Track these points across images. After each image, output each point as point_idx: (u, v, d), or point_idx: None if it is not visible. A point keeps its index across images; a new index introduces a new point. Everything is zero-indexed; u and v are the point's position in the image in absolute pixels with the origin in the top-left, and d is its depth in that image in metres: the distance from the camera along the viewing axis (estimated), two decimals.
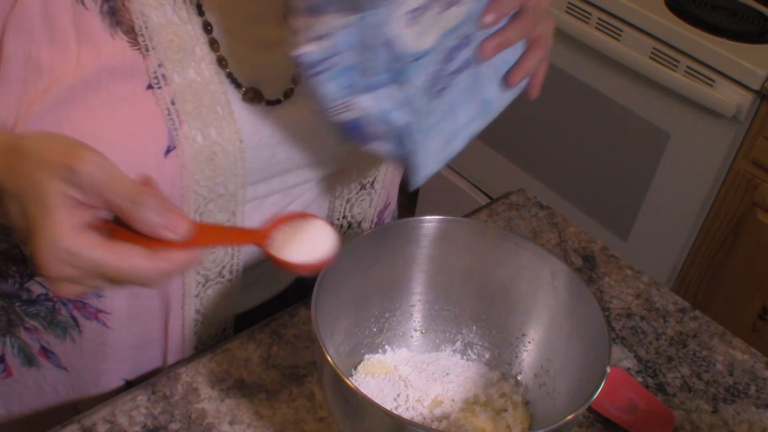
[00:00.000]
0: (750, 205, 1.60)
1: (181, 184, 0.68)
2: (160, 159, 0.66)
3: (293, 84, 0.74)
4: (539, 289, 0.73)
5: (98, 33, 0.64)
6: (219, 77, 0.69)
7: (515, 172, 2.07)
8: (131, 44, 0.65)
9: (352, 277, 0.70)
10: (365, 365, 0.75)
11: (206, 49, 0.68)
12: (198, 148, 0.68)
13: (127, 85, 0.65)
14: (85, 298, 0.74)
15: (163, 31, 0.66)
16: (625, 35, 1.67)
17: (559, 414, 0.64)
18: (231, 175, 0.70)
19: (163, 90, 0.66)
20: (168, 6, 0.66)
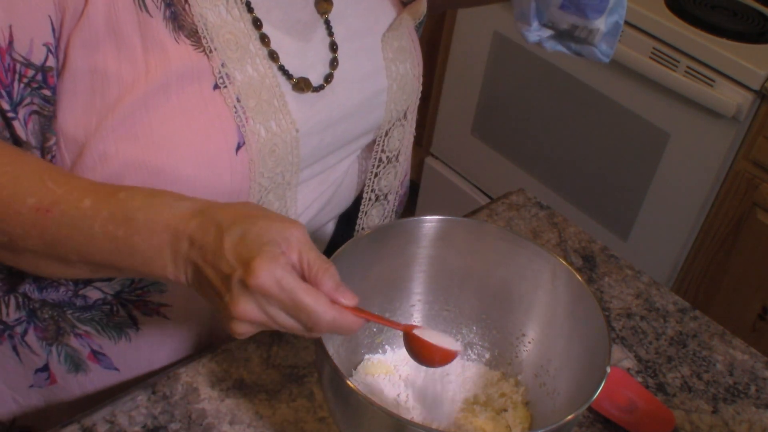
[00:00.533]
0: (750, 205, 1.60)
1: (249, 177, 0.70)
2: (232, 155, 0.69)
3: (332, 68, 0.77)
4: (539, 289, 0.72)
5: (164, 39, 0.66)
6: (272, 71, 0.71)
7: (515, 172, 2.06)
8: (195, 47, 0.67)
9: (352, 277, 0.70)
10: (365, 365, 0.75)
11: (258, 44, 0.71)
12: (262, 142, 0.70)
13: (195, 88, 0.67)
14: (148, 296, 0.76)
15: (220, 31, 0.68)
16: (625, 35, 1.67)
17: (559, 414, 0.64)
18: (288, 164, 0.73)
19: (228, 89, 0.68)
20: (222, 6, 0.68)
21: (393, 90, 0.83)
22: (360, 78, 0.80)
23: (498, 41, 1.96)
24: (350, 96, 0.79)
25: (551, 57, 1.84)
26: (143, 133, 0.66)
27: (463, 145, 2.19)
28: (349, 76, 0.79)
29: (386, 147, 0.87)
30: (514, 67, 1.95)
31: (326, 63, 0.77)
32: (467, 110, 2.12)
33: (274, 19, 0.72)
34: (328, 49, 0.77)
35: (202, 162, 0.68)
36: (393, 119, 0.86)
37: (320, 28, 0.77)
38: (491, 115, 2.08)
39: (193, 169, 0.67)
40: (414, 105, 0.89)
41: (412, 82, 0.86)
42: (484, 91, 2.06)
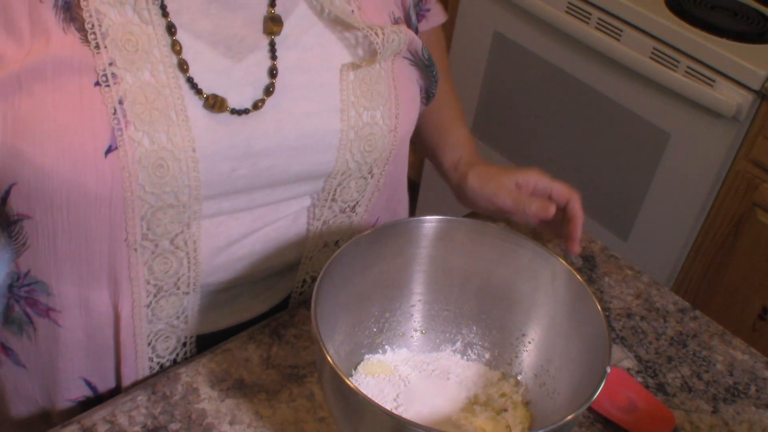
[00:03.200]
0: (750, 205, 1.60)
1: (122, 186, 0.66)
2: (99, 158, 0.65)
3: (265, 94, 0.71)
4: (539, 289, 0.72)
5: (50, 26, 0.63)
6: (177, 81, 0.67)
7: None
8: (82, 41, 0.64)
9: (352, 277, 0.70)
10: (365, 365, 0.75)
11: (166, 51, 0.66)
12: (143, 152, 0.65)
13: (74, 79, 0.64)
14: (36, 295, 0.74)
15: (119, 30, 0.64)
16: (625, 35, 1.67)
17: (559, 414, 0.64)
18: (182, 186, 0.68)
19: (111, 88, 0.64)
20: (128, 5, 0.65)
21: (350, 137, 0.75)
22: (302, 113, 0.73)
23: (498, 41, 1.96)
24: (282, 129, 0.72)
25: (551, 57, 1.85)
26: (11, 113, 0.63)
27: None
28: (286, 108, 0.72)
29: (338, 196, 0.79)
30: (514, 67, 1.95)
31: (259, 87, 0.71)
32: (467, 110, 2.13)
33: (198, 29, 0.68)
34: (266, 74, 0.71)
35: (64, 154, 0.64)
36: (350, 171, 0.77)
37: (262, 50, 0.71)
38: (491, 115, 2.08)
39: (53, 160, 0.64)
40: (384, 160, 0.79)
41: (381, 135, 0.76)
42: (484, 91, 2.06)
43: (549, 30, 1.81)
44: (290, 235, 0.81)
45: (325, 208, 0.80)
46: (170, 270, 0.73)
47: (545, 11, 1.78)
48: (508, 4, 1.87)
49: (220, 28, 0.69)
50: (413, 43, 0.79)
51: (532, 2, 1.80)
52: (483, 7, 1.96)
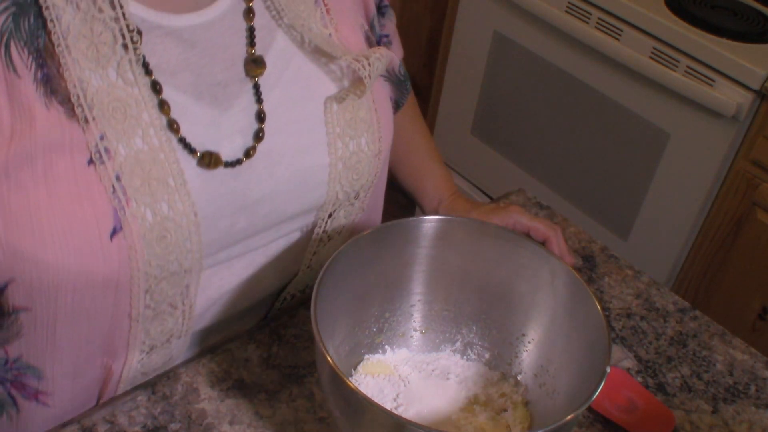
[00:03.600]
0: (750, 205, 1.60)
1: (129, 265, 0.62)
2: (105, 242, 0.60)
3: (255, 141, 0.68)
4: (539, 289, 0.72)
5: (32, 103, 0.58)
6: (170, 144, 0.63)
7: (515, 172, 2.07)
8: (68, 115, 0.59)
9: (352, 277, 0.70)
10: (365, 365, 0.75)
11: (155, 112, 0.62)
12: (148, 227, 0.62)
13: (65, 162, 0.59)
14: (25, 379, 0.70)
15: (105, 98, 0.60)
16: (625, 35, 1.67)
17: (559, 414, 0.64)
18: (185, 251, 0.65)
19: (106, 165, 0.60)
20: (111, 69, 0.60)
21: (338, 169, 0.73)
22: (292, 154, 0.70)
23: (498, 41, 1.96)
24: (274, 174, 0.70)
25: (551, 57, 1.85)
26: (2, 211, 0.58)
27: (463, 145, 2.19)
28: (276, 150, 0.69)
29: (329, 227, 0.78)
30: (514, 67, 1.95)
31: (248, 134, 0.68)
32: (467, 110, 2.13)
33: (180, 82, 0.64)
34: (254, 119, 0.68)
35: (67, 247, 0.59)
36: (340, 201, 0.76)
37: (246, 93, 0.68)
38: (491, 115, 2.08)
39: (57, 254, 0.59)
40: (370, 184, 0.78)
41: (367, 161, 0.75)
42: (484, 91, 2.06)
43: (549, 30, 1.81)
44: (280, 270, 0.80)
45: (317, 241, 0.79)
46: (165, 328, 0.72)
47: (545, 11, 1.78)
48: (508, 4, 1.87)
49: (202, 77, 0.66)
50: (391, 62, 0.78)
51: (532, 2, 1.80)
52: (483, 7, 1.96)
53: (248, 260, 0.75)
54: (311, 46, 0.71)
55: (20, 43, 0.58)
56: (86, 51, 0.59)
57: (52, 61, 0.58)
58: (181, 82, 0.64)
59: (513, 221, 0.90)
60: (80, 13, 0.58)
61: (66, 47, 0.58)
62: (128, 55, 0.60)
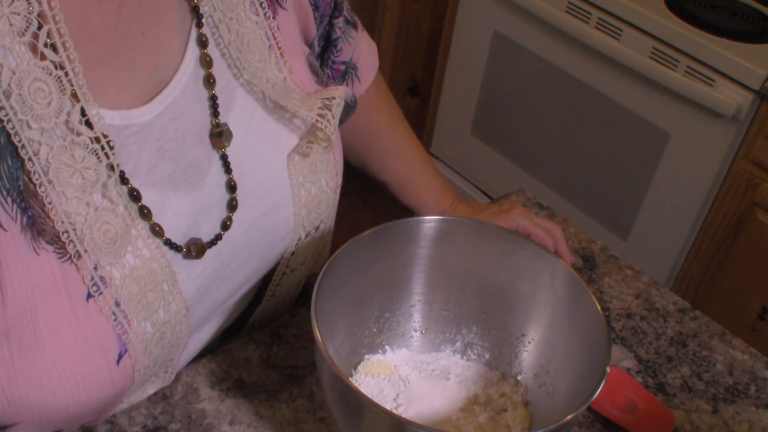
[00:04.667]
0: (750, 205, 1.60)
1: (134, 378, 0.63)
2: (113, 368, 0.60)
3: (230, 211, 0.68)
4: (539, 289, 0.72)
5: (22, 254, 0.55)
6: (159, 250, 0.62)
7: (515, 172, 2.07)
8: (59, 255, 0.56)
9: (352, 277, 0.70)
10: (365, 365, 0.75)
11: (140, 222, 0.61)
12: (148, 338, 0.62)
13: (63, 304, 0.57)
14: None
15: (94, 224, 0.57)
16: (625, 35, 1.67)
17: (559, 414, 0.64)
18: (176, 341, 0.66)
19: (104, 294, 0.58)
20: (96, 194, 0.58)
21: (301, 215, 0.73)
22: (261, 215, 0.70)
23: (498, 41, 1.96)
24: (249, 239, 0.70)
25: (551, 57, 1.85)
26: (4, 370, 0.56)
27: (463, 145, 2.19)
28: (248, 215, 0.69)
29: (291, 263, 0.78)
30: (514, 67, 1.95)
31: (222, 206, 0.67)
32: (467, 110, 2.13)
33: (157, 177, 0.62)
34: (225, 189, 0.67)
35: (78, 386, 0.58)
36: (302, 239, 0.76)
37: (215, 167, 0.66)
38: (491, 115, 2.08)
39: (67, 396, 0.59)
40: (329, 216, 0.78)
41: (327, 199, 0.75)
42: (484, 91, 2.06)
43: (549, 30, 1.81)
44: (245, 301, 0.81)
45: (281, 274, 0.79)
46: (146, 392, 0.74)
47: (545, 11, 1.78)
48: (508, 4, 1.87)
49: (177, 163, 0.64)
50: (347, 96, 0.76)
51: (532, 2, 1.80)
52: (483, 7, 1.96)
53: (223, 311, 0.77)
54: (271, 101, 0.69)
55: (2, 192, 0.54)
56: (71, 179, 0.56)
57: (35, 201, 0.55)
58: (156, 176, 0.62)
59: (515, 225, 0.91)
60: (58, 142, 0.55)
61: (48, 182, 0.55)
62: (113, 174, 0.58)
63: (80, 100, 0.56)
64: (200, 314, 0.70)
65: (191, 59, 0.64)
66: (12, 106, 0.53)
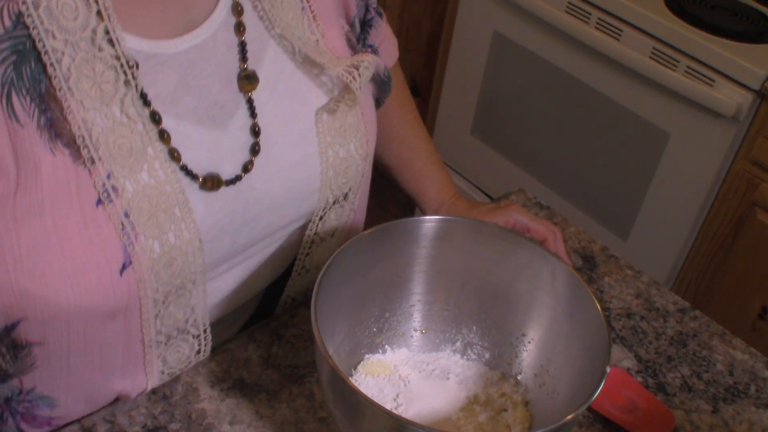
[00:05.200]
0: (750, 205, 1.60)
1: (138, 296, 0.64)
2: (116, 279, 0.61)
3: (252, 155, 0.70)
4: (539, 289, 0.72)
5: (37, 151, 0.58)
6: (175, 174, 0.64)
7: (515, 172, 2.07)
8: (74, 158, 0.59)
9: (352, 277, 0.70)
10: (365, 365, 0.75)
11: (158, 144, 0.63)
12: (155, 258, 0.63)
13: (73, 206, 0.59)
14: (37, 410, 0.71)
15: (110, 136, 0.60)
16: (625, 35, 1.67)
17: (559, 414, 0.64)
18: (189, 273, 0.67)
19: (114, 203, 0.60)
20: (115, 106, 0.60)
21: (329, 176, 0.75)
22: (287, 167, 0.72)
23: (498, 41, 1.96)
24: (272, 188, 0.71)
25: (551, 57, 1.85)
26: (11, 258, 0.58)
27: (462, 145, 2.19)
28: (272, 164, 0.71)
29: (320, 230, 0.79)
30: (514, 67, 1.95)
31: (245, 150, 0.69)
32: (467, 110, 2.13)
33: (181, 110, 0.65)
34: (249, 134, 0.69)
35: (79, 289, 0.60)
36: (329, 204, 0.78)
37: (241, 110, 0.69)
38: (491, 115, 2.08)
39: (68, 294, 0.60)
40: (358, 185, 0.80)
41: (355, 165, 0.77)
42: (484, 91, 2.06)
43: (549, 30, 1.81)
44: (273, 269, 0.82)
45: (309, 242, 0.80)
46: (182, 356, 0.74)
47: (545, 11, 1.78)
48: (508, 4, 1.87)
49: (201, 100, 0.66)
50: (377, 67, 0.80)
51: (532, 2, 1.80)
52: (483, 7, 1.96)
53: (246, 264, 0.77)
54: (301, 55, 0.72)
55: (22, 92, 0.57)
56: (89, 91, 0.59)
57: (55, 104, 0.58)
58: (180, 109, 0.65)
59: (513, 220, 0.91)
60: (81, 54, 0.59)
61: (68, 89, 0.58)
62: (131, 91, 0.61)
63: (104, 20, 0.59)
64: (217, 254, 0.70)
65: (224, 7, 0.68)
66: (39, 16, 0.57)
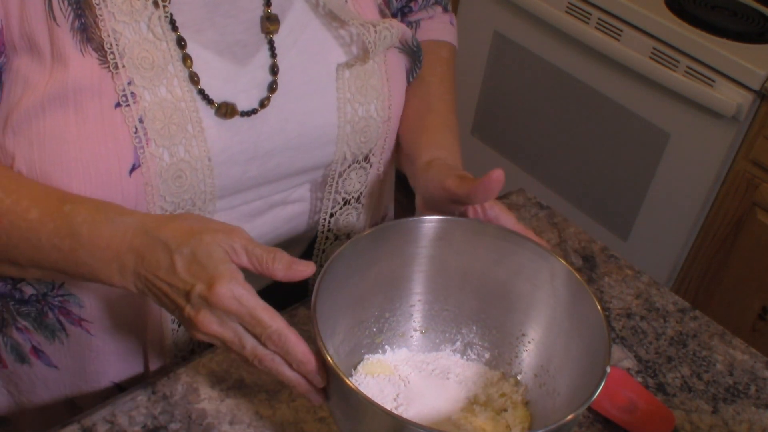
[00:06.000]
0: (750, 205, 1.60)
1: (145, 199, 0.68)
2: (125, 177, 0.66)
3: (270, 92, 0.73)
4: (538, 289, 0.72)
5: (69, 49, 0.64)
6: (191, 94, 0.68)
7: (515, 172, 2.07)
8: (101, 62, 0.65)
9: (352, 277, 0.70)
10: (365, 365, 0.75)
11: (179, 65, 0.68)
12: (164, 166, 0.68)
13: (94, 103, 0.65)
14: (69, 305, 0.75)
15: (135, 48, 0.66)
16: (625, 35, 1.67)
17: (559, 414, 0.64)
18: (199, 192, 0.71)
19: (131, 108, 0.66)
20: (143, 23, 0.66)
21: (346, 132, 0.78)
22: (303, 112, 0.75)
23: (498, 41, 1.96)
24: (286, 128, 0.75)
25: (551, 57, 1.84)
26: (37, 140, 0.65)
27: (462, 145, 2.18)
28: (289, 106, 0.74)
29: (341, 188, 0.82)
30: (514, 67, 1.95)
31: (263, 88, 0.73)
32: (467, 110, 2.13)
33: (205, 39, 0.70)
34: (268, 72, 0.74)
35: (91, 179, 0.66)
36: (348, 161, 0.80)
37: (263, 50, 0.73)
38: (491, 115, 2.08)
39: (81, 185, 0.66)
40: (380, 148, 0.82)
41: (375, 126, 0.79)
42: (484, 91, 2.06)
43: (549, 30, 1.81)
44: (298, 224, 0.84)
45: (331, 200, 0.82)
46: None
47: (545, 11, 1.78)
48: (508, 4, 1.87)
49: (224, 36, 0.71)
50: (404, 35, 0.82)
51: (532, 2, 1.80)
52: (483, 7, 1.96)
53: (262, 203, 0.79)
54: (325, 10, 0.75)
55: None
56: (121, 5, 0.65)
57: (90, 12, 0.64)
58: (205, 38, 0.69)
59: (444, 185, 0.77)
60: None
61: (103, 1, 0.64)
62: (158, 12, 0.66)
63: None
64: (227, 180, 0.73)
65: None
66: None
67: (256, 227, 0.80)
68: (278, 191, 0.80)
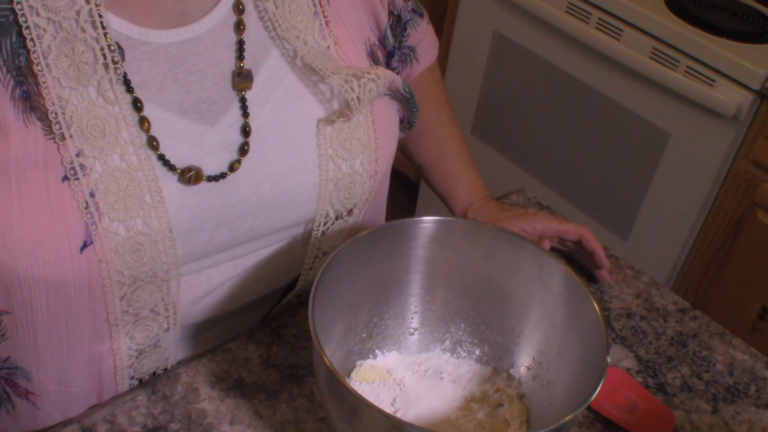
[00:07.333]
0: (750, 205, 1.60)
1: (101, 275, 0.63)
2: (75, 256, 0.61)
3: (240, 155, 0.68)
4: (527, 282, 0.73)
5: (10, 119, 0.58)
6: (149, 161, 0.63)
7: (515, 172, 2.06)
8: (45, 132, 0.60)
9: (348, 277, 0.70)
10: (359, 372, 0.74)
11: (135, 131, 0.63)
12: (120, 242, 0.62)
13: (39, 178, 0.60)
14: (15, 378, 0.71)
15: (84, 115, 0.60)
16: (625, 35, 1.67)
17: (556, 406, 0.64)
18: (160, 263, 0.66)
19: (80, 181, 0.60)
20: (92, 87, 0.61)
21: (328, 189, 0.72)
22: (278, 172, 0.70)
23: (498, 41, 1.96)
24: (259, 190, 0.69)
25: (551, 57, 1.84)
26: None
27: None
28: (263, 167, 0.69)
29: (323, 245, 0.77)
30: (514, 67, 1.95)
31: (234, 149, 0.68)
32: (467, 110, 2.12)
33: (166, 99, 0.64)
34: (239, 133, 0.68)
35: (37, 259, 0.61)
36: (331, 219, 0.75)
37: (233, 108, 0.68)
38: (491, 115, 2.08)
39: (27, 265, 0.61)
40: (364, 203, 0.77)
41: (361, 182, 0.74)
42: (484, 91, 2.06)
43: (549, 30, 1.81)
44: (275, 275, 0.80)
45: (312, 256, 0.78)
46: (151, 333, 0.72)
47: (545, 11, 1.78)
48: (508, 4, 1.87)
49: (189, 94, 0.66)
50: (393, 83, 0.76)
51: (532, 2, 1.80)
52: (483, 7, 1.96)
53: (237, 262, 0.75)
54: (303, 62, 0.70)
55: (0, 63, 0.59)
56: (67, 70, 0.60)
57: (32, 78, 0.59)
58: (165, 98, 0.64)
59: (542, 226, 0.91)
60: (62, 33, 0.59)
61: (46, 66, 0.59)
62: (109, 75, 0.61)
63: (90, 2, 0.59)
64: (193, 248, 0.68)
65: (225, 5, 0.67)
66: None
67: (225, 289, 0.76)
68: (253, 250, 0.75)
